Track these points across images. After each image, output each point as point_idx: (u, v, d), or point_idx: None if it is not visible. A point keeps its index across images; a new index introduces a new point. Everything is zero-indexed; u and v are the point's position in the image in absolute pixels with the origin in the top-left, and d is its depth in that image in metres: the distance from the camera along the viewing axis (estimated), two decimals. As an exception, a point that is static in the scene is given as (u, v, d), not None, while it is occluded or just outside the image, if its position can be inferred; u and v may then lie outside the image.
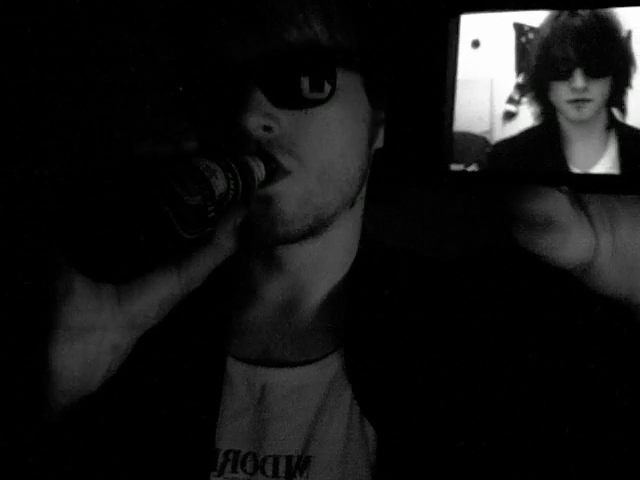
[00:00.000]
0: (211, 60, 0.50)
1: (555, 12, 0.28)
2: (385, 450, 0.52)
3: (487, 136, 0.29)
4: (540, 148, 0.28)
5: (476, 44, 0.29)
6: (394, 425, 0.52)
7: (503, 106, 0.29)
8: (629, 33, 0.27)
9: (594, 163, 0.28)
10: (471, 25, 0.29)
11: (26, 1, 1.14)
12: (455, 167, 0.30)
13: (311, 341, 0.58)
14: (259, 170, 0.48)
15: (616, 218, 0.30)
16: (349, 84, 0.50)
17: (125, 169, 0.37)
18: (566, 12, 0.28)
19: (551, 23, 0.28)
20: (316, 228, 0.54)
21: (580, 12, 0.27)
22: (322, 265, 0.59)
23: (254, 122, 0.48)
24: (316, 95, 0.49)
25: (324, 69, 0.49)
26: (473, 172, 0.29)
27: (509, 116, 0.29)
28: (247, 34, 0.49)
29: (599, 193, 0.29)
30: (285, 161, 0.51)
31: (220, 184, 0.39)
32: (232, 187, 0.41)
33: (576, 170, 0.28)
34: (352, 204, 0.57)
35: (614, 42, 0.27)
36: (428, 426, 0.51)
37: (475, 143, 0.29)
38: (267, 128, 0.50)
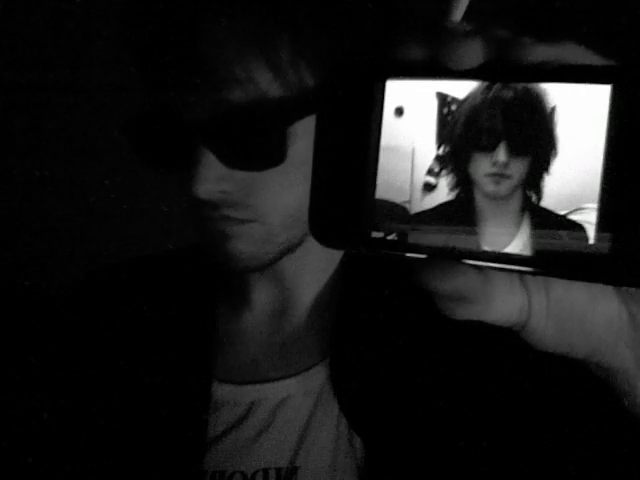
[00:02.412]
0: (157, 119, 0.49)
1: (486, 82, 0.27)
2: (373, 460, 0.52)
3: (407, 206, 0.29)
4: (454, 223, 0.28)
5: (399, 111, 0.29)
6: (382, 435, 0.52)
7: (423, 177, 0.28)
8: (552, 110, 0.26)
9: (506, 244, 0.27)
10: (396, 91, 0.29)
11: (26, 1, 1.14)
12: (376, 234, 0.29)
13: (299, 351, 0.58)
14: None
15: (550, 277, 0.30)
16: (309, 123, 0.48)
17: None
18: (499, 84, 0.27)
19: (482, 93, 0.27)
20: (284, 254, 0.54)
21: (513, 85, 0.27)
22: (306, 270, 0.59)
23: (207, 190, 0.47)
24: (267, 157, 0.47)
25: (272, 132, 0.47)
26: (392, 241, 0.29)
27: (428, 188, 0.28)
28: (187, 95, 0.46)
29: (511, 272, 0.28)
30: (243, 215, 0.50)
31: None
32: None
33: (488, 249, 0.27)
34: None
35: (540, 121, 0.26)
36: (416, 436, 0.51)
37: (395, 212, 0.29)
38: (222, 191, 0.48)
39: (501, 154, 0.27)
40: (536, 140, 0.26)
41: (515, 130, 0.27)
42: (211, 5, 0.46)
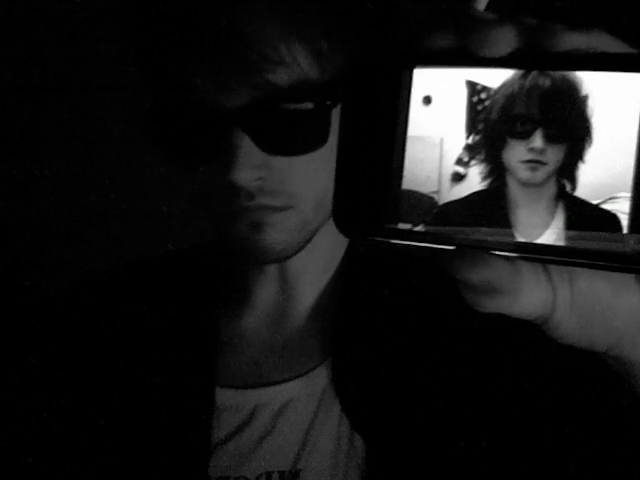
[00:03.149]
0: (191, 109, 0.47)
1: (520, 70, 0.27)
2: (374, 459, 0.51)
3: (435, 196, 0.28)
4: (486, 213, 0.27)
5: (428, 100, 0.28)
6: (383, 436, 0.52)
7: (452, 167, 0.28)
8: (587, 99, 0.26)
9: (540, 234, 0.27)
10: (424, 80, 0.28)
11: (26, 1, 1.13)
12: (403, 226, 0.29)
13: (300, 352, 0.58)
14: None
15: (574, 270, 0.30)
16: (338, 108, 0.48)
17: None
18: (536, 71, 0.27)
19: (520, 80, 0.27)
20: (307, 243, 0.54)
21: (550, 73, 0.26)
22: (308, 269, 0.59)
23: (246, 177, 0.46)
24: (310, 140, 0.46)
25: (317, 114, 0.46)
26: (420, 232, 0.28)
27: (457, 178, 0.28)
28: (229, 79, 0.45)
29: (544, 263, 0.28)
30: (279, 202, 0.49)
31: None
32: None
33: (521, 239, 0.27)
34: None
35: (577, 109, 0.26)
36: (416, 436, 0.51)
37: (423, 203, 0.28)
38: (259, 178, 0.48)
39: (537, 140, 0.27)
40: (571, 128, 0.26)
41: (551, 117, 0.26)
42: None
